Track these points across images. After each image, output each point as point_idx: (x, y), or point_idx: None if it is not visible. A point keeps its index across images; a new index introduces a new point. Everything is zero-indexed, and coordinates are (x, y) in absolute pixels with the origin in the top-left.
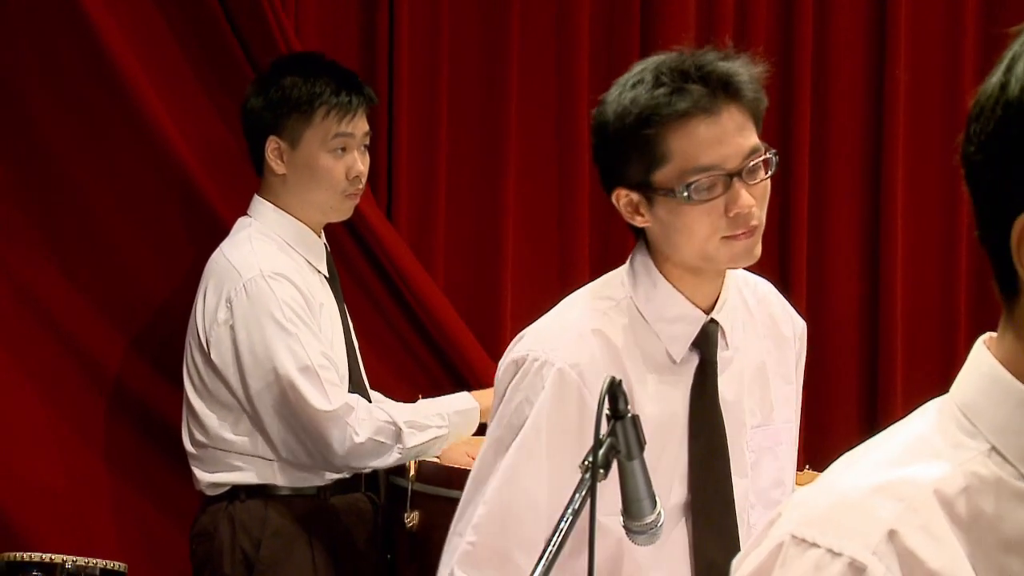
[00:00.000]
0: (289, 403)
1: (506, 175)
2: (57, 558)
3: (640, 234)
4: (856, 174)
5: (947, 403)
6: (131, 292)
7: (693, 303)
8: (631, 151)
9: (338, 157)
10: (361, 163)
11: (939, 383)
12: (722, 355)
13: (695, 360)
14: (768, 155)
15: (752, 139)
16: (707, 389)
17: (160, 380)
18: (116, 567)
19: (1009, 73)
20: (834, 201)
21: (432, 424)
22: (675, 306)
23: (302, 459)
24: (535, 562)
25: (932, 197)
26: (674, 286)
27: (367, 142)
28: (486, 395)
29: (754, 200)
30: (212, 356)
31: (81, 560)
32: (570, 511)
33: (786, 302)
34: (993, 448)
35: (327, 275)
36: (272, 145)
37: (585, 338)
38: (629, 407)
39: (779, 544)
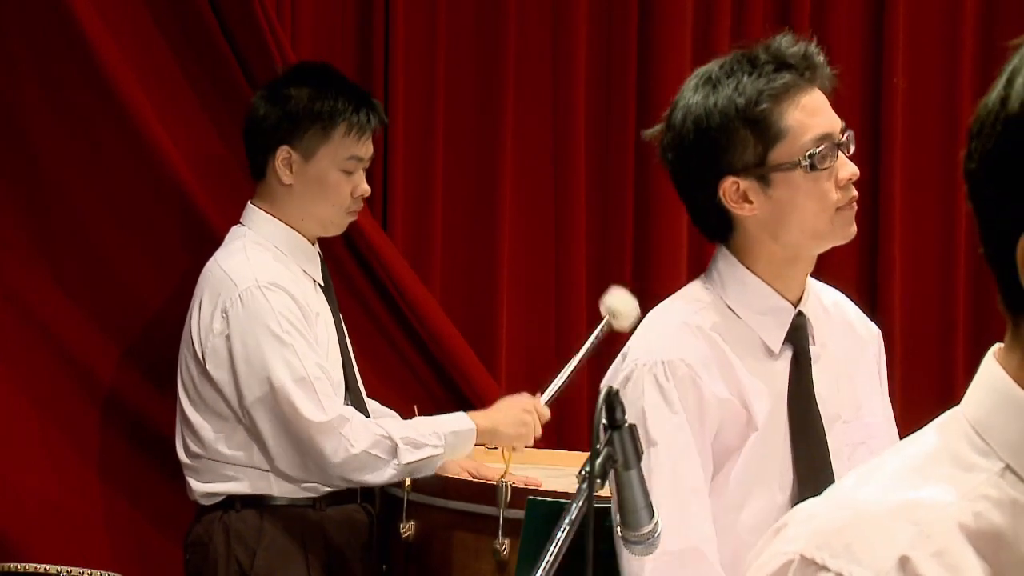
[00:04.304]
0: (284, 414)
1: (502, 188)
2: (51, 569)
3: (723, 239)
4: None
5: (959, 418)
6: (125, 302)
7: (783, 296)
8: (746, 134)
9: (347, 175)
10: (365, 183)
11: (937, 391)
12: (811, 350)
13: (789, 352)
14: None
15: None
16: (803, 380)
17: (153, 390)
18: None
19: (1009, 87)
20: None
21: (428, 443)
22: (766, 299)
23: (298, 471)
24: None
25: (930, 204)
26: (763, 280)
27: (369, 164)
28: (482, 416)
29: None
30: (208, 367)
31: (75, 570)
32: (567, 521)
33: (858, 308)
34: (1007, 467)
35: (322, 283)
36: (283, 155)
37: (682, 331)
38: (627, 416)
39: (788, 562)
